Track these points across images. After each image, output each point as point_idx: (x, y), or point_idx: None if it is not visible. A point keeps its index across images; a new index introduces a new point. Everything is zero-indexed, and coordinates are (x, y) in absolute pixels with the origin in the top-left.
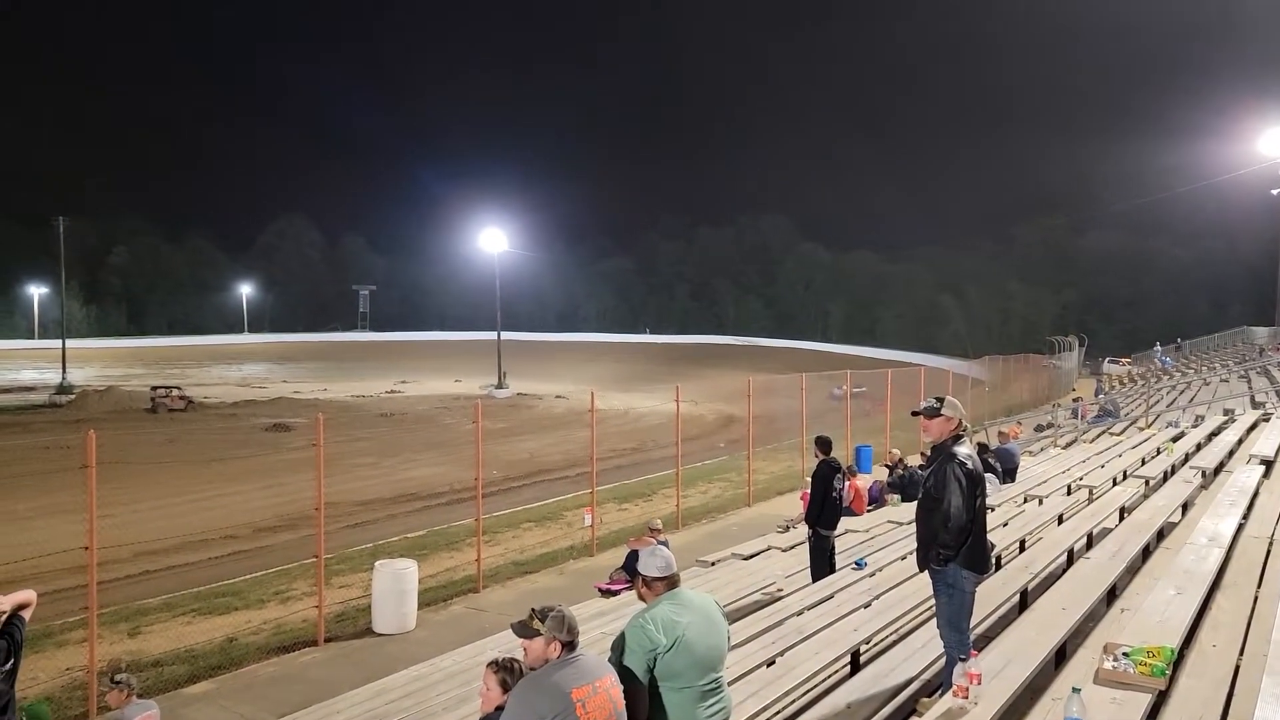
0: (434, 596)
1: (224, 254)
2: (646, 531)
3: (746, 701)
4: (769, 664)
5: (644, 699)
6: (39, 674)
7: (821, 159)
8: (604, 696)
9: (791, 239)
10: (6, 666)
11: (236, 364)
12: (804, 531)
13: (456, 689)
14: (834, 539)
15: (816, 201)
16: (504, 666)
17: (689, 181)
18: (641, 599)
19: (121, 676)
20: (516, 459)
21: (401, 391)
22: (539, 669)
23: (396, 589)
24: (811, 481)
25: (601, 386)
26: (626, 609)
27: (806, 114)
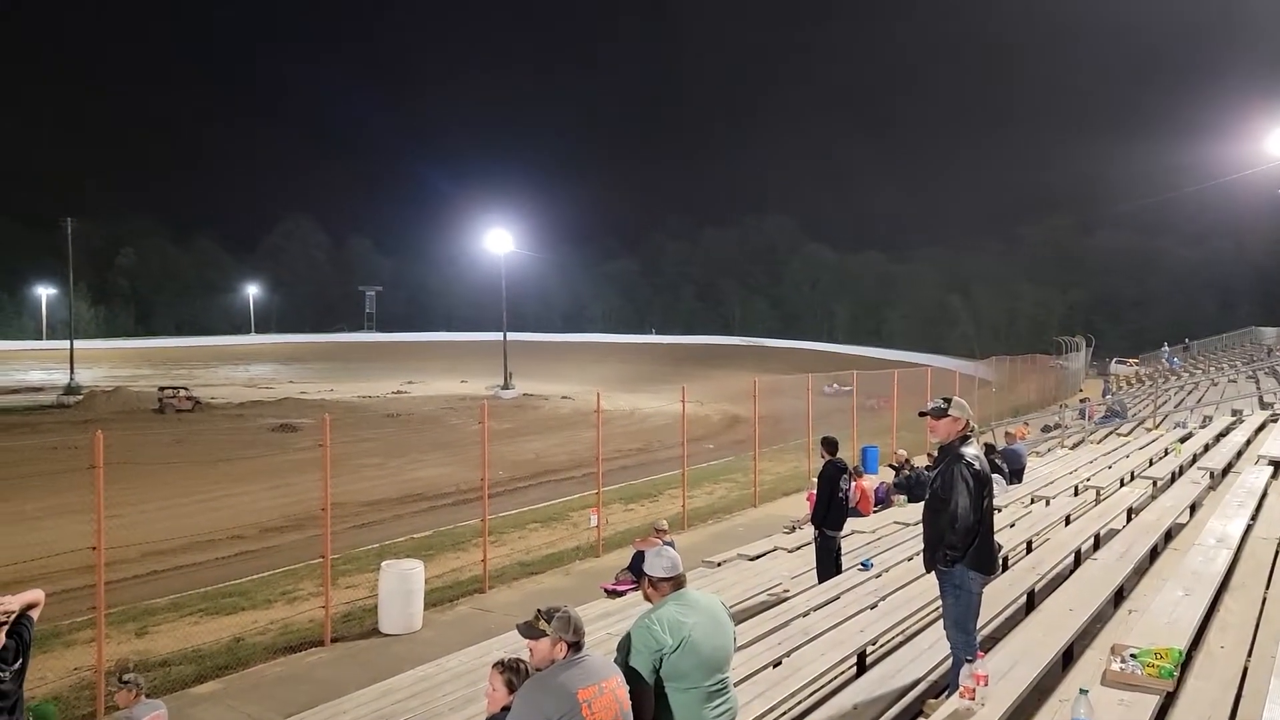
0: (440, 597)
1: (230, 255)
2: (652, 532)
3: (753, 702)
4: (775, 665)
5: (650, 700)
6: (47, 674)
7: (826, 159)
8: (610, 697)
9: (797, 239)
10: (15, 666)
11: (243, 365)
12: (810, 532)
13: (463, 689)
14: (840, 540)
15: (822, 202)
16: (510, 667)
17: (692, 182)
18: (647, 600)
19: (129, 676)
20: (522, 459)
21: (408, 392)
22: (545, 670)
23: (403, 589)
24: (818, 482)
25: (607, 387)
26: (632, 610)
27: (811, 114)
